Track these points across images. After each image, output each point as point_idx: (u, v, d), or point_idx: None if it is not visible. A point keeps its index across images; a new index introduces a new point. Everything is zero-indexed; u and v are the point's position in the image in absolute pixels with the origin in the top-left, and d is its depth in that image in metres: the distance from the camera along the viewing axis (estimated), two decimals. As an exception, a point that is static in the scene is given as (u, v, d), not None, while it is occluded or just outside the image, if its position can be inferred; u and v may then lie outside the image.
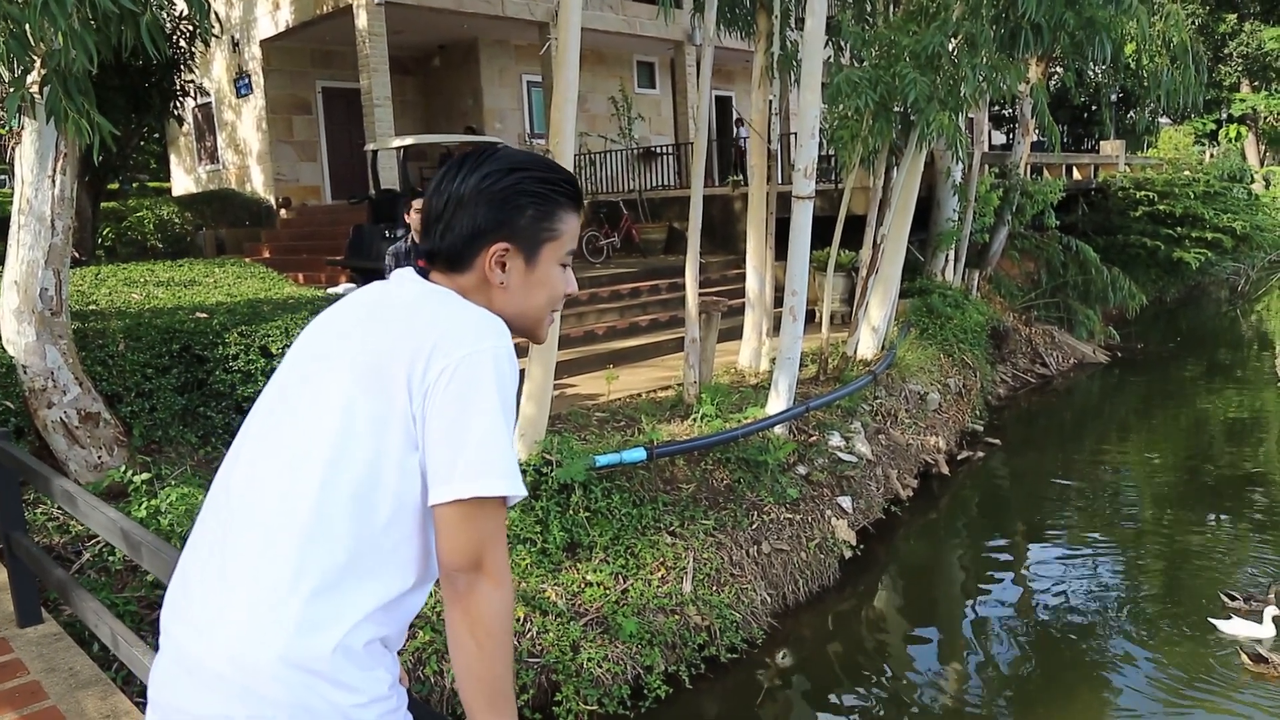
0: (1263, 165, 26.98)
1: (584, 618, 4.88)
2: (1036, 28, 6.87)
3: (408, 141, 11.30)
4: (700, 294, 7.56)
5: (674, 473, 6.12)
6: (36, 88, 4.18)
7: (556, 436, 5.76)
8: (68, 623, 3.81)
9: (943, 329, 10.53)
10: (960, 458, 8.74)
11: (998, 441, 9.34)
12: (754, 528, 6.00)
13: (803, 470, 6.78)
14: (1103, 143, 19.66)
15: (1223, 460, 8.84)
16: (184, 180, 18.38)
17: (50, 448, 5.00)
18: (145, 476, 4.93)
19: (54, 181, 4.82)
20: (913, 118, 7.69)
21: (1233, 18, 26.82)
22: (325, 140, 16.17)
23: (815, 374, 8.51)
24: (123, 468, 4.97)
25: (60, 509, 4.66)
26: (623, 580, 5.18)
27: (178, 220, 14.66)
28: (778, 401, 6.88)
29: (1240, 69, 27.29)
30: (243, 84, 15.80)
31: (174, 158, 18.86)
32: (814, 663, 5.42)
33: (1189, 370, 13.32)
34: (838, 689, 5.09)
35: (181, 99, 12.47)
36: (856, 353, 9.07)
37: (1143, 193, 15.26)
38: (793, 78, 8.42)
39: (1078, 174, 16.24)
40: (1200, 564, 6.34)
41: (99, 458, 5.03)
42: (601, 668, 4.67)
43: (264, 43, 15.21)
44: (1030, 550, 6.86)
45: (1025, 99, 12.43)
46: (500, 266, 1.37)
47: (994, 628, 5.65)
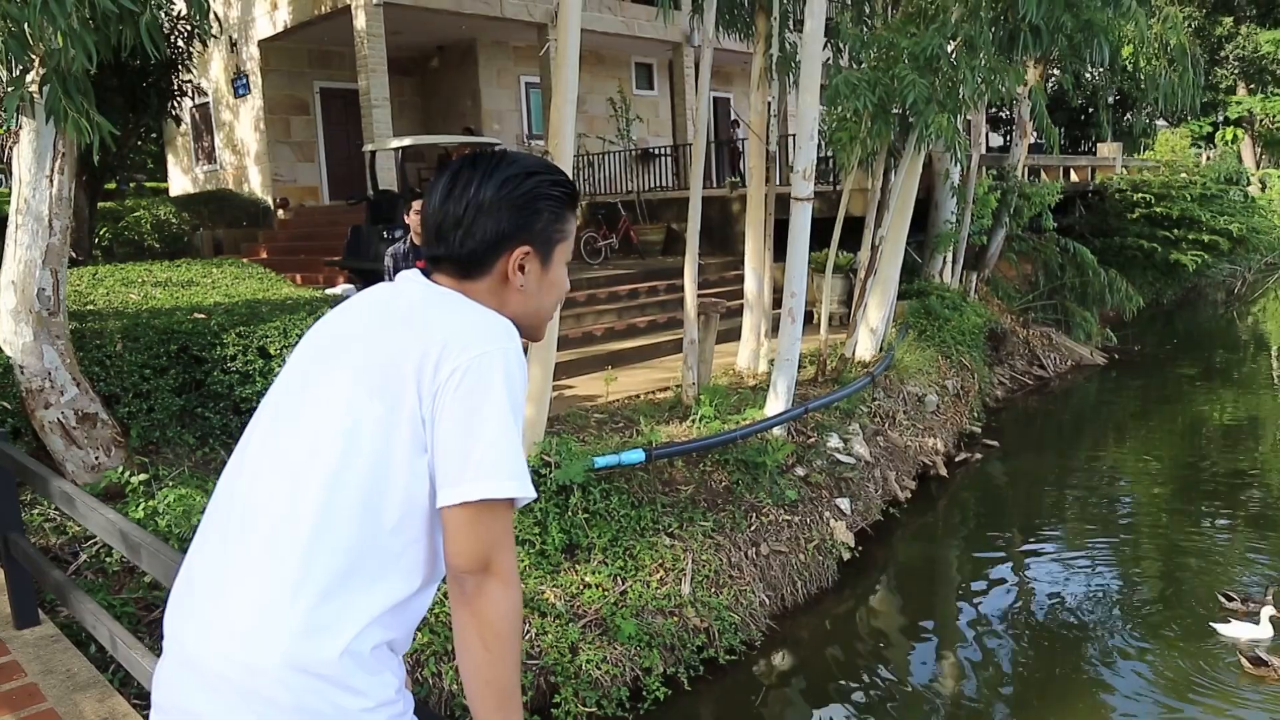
0: (1259, 168, 27.02)
1: (582, 619, 4.87)
2: (1035, 30, 6.87)
3: (406, 142, 11.29)
4: (698, 295, 7.56)
5: (672, 474, 6.12)
6: (35, 87, 4.17)
7: (555, 438, 5.75)
8: (64, 624, 3.79)
9: (941, 331, 10.53)
10: (958, 459, 8.74)
11: (996, 443, 9.34)
12: (752, 529, 5.99)
13: (801, 472, 6.77)
14: (1100, 145, 19.68)
15: (1220, 462, 8.85)
16: (181, 180, 18.35)
17: (47, 448, 4.99)
18: (143, 477, 4.92)
19: (52, 181, 4.81)
20: (911, 120, 7.69)
21: (1229, 21, 26.87)
22: (323, 141, 16.16)
23: (813, 375, 8.51)
24: (120, 468, 4.96)
25: (57, 510, 4.65)
26: (621, 582, 5.18)
27: (175, 220, 14.63)
28: (776, 403, 6.88)
29: (1236, 72, 27.34)
30: (240, 84, 15.78)
31: (171, 158, 18.84)
32: (812, 665, 5.41)
33: (1186, 372, 13.34)
34: (836, 691, 5.08)
35: (179, 99, 12.45)
36: (855, 354, 9.08)
37: (1140, 195, 15.28)
38: (791, 79, 8.43)
39: (1075, 176, 16.26)
40: (1198, 565, 6.34)
41: (96, 458, 5.02)
42: (600, 669, 4.66)
43: (262, 43, 15.19)
44: (1028, 552, 6.86)
45: (1023, 101, 12.44)
46: (520, 269, 1.39)
47: (992, 630, 5.65)
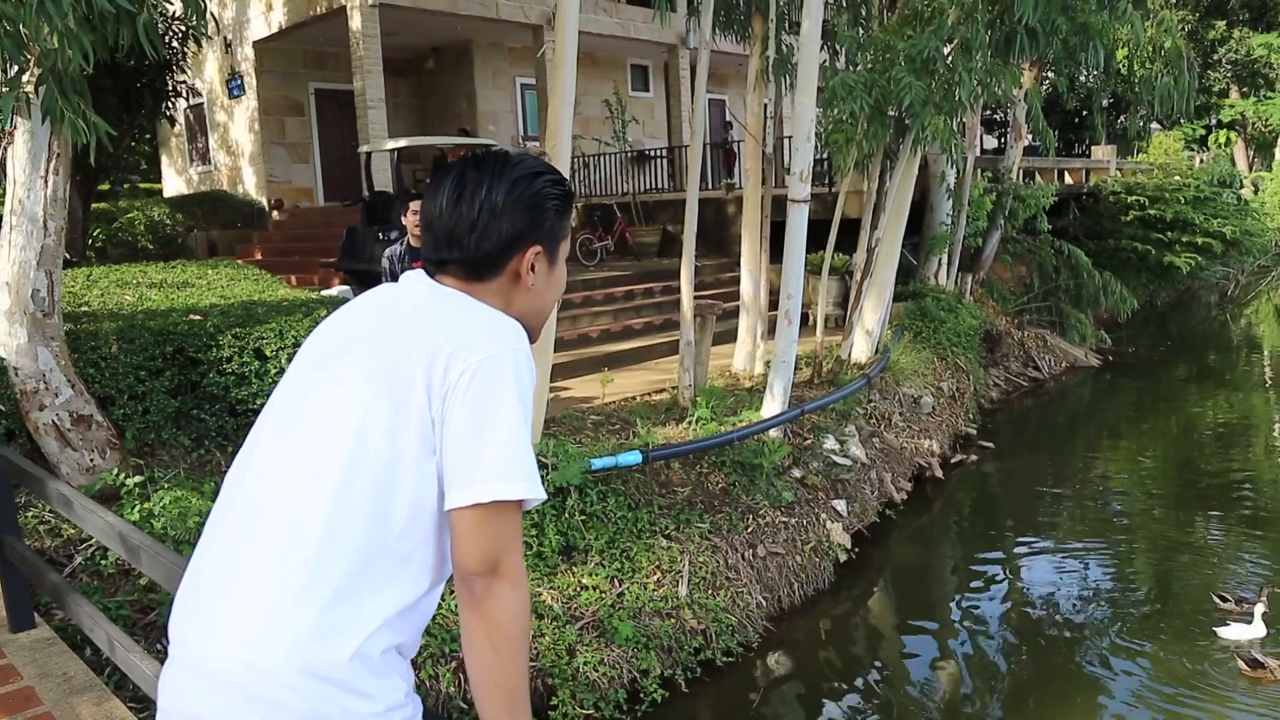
0: (1251, 170, 27.13)
1: (580, 621, 4.87)
2: (1032, 33, 6.89)
3: (401, 143, 11.28)
4: (695, 297, 7.56)
5: (669, 476, 6.12)
6: (31, 87, 4.15)
7: (552, 439, 5.74)
8: (60, 627, 3.77)
9: (936, 333, 10.55)
10: (954, 461, 8.75)
11: (991, 445, 9.35)
12: (749, 531, 5.99)
13: (798, 473, 6.78)
14: (1094, 148, 19.73)
15: (1213, 463, 8.88)
16: (175, 181, 18.30)
17: (42, 450, 4.95)
18: (138, 479, 4.89)
19: (47, 182, 4.78)
20: (908, 122, 7.70)
21: (1222, 24, 26.97)
22: (318, 142, 16.12)
23: (810, 377, 8.51)
24: (115, 471, 4.93)
25: (52, 512, 4.62)
26: (619, 584, 5.17)
27: (169, 221, 14.57)
28: (773, 405, 6.88)
29: (1229, 75, 27.45)
30: (235, 85, 15.74)
31: (165, 159, 18.78)
32: (809, 666, 5.41)
33: (1179, 374, 13.39)
34: (832, 692, 5.09)
35: (173, 100, 12.39)
36: (850, 356, 9.09)
37: (1134, 197, 15.32)
38: (787, 82, 8.44)
39: (1069, 178, 16.30)
40: (1191, 566, 6.36)
41: (91, 460, 4.99)
42: (598, 671, 4.66)
43: (257, 44, 15.16)
44: (1023, 553, 6.87)
45: (1019, 104, 12.47)
46: (531, 269, 1.41)
47: (987, 631, 5.65)
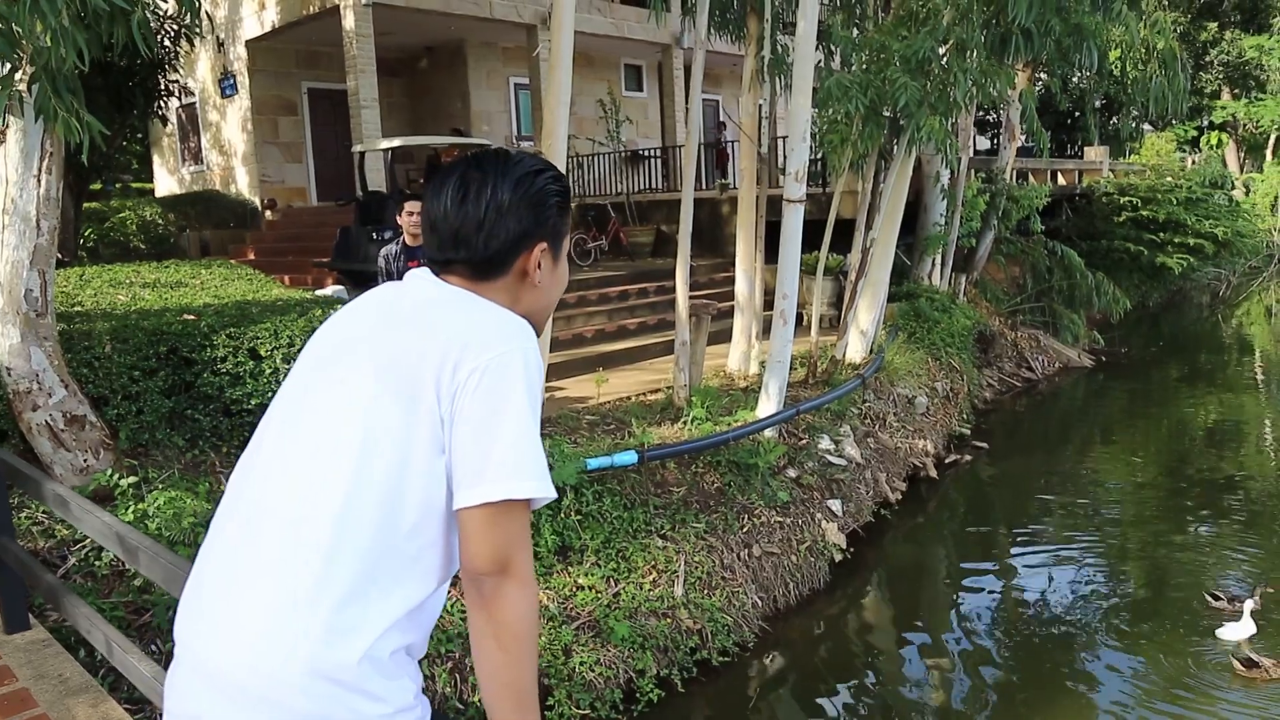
0: (1243, 172, 27.25)
1: (576, 621, 4.86)
2: (1027, 33, 6.90)
3: (395, 143, 11.27)
4: (689, 297, 7.56)
5: (665, 476, 6.11)
6: (24, 86, 4.13)
7: (547, 440, 5.74)
8: (54, 628, 3.75)
9: (930, 333, 10.57)
10: (948, 461, 8.76)
11: (985, 445, 9.37)
12: (745, 531, 6.00)
13: (793, 473, 6.78)
14: (1087, 149, 19.81)
15: (1205, 463, 8.91)
16: (167, 181, 18.23)
17: (35, 451, 4.93)
18: (132, 480, 4.87)
19: (40, 181, 4.76)
20: (902, 122, 7.71)
21: (1214, 26, 27.09)
22: (311, 141, 16.09)
23: (804, 377, 8.52)
24: (109, 471, 4.91)
25: (45, 513, 4.60)
26: (614, 584, 5.17)
27: (161, 221, 14.54)
28: (768, 404, 6.88)
29: (1221, 76, 27.56)
30: (228, 84, 15.69)
31: (157, 158, 18.71)
32: (804, 666, 5.42)
33: (1172, 374, 13.44)
34: (828, 692, 5.09)
35: (165, 99, 12.36)
36: (845, 356, 9.09)
37: (1126, 198, 15.38)
38: (782, 82, 8.44)
39: (1062, 179, 16.35)
40: (1184, 566, 6.38)
41: (85, 461, 4.96)
42: (594, 672, 4.65)
43: (249, 43, 15.11)
44: (1017, 553, 6.88)
45: (1013, 105, 12.50)
46: (538, 266, 1.41)
47: (981, 630, 5.66)
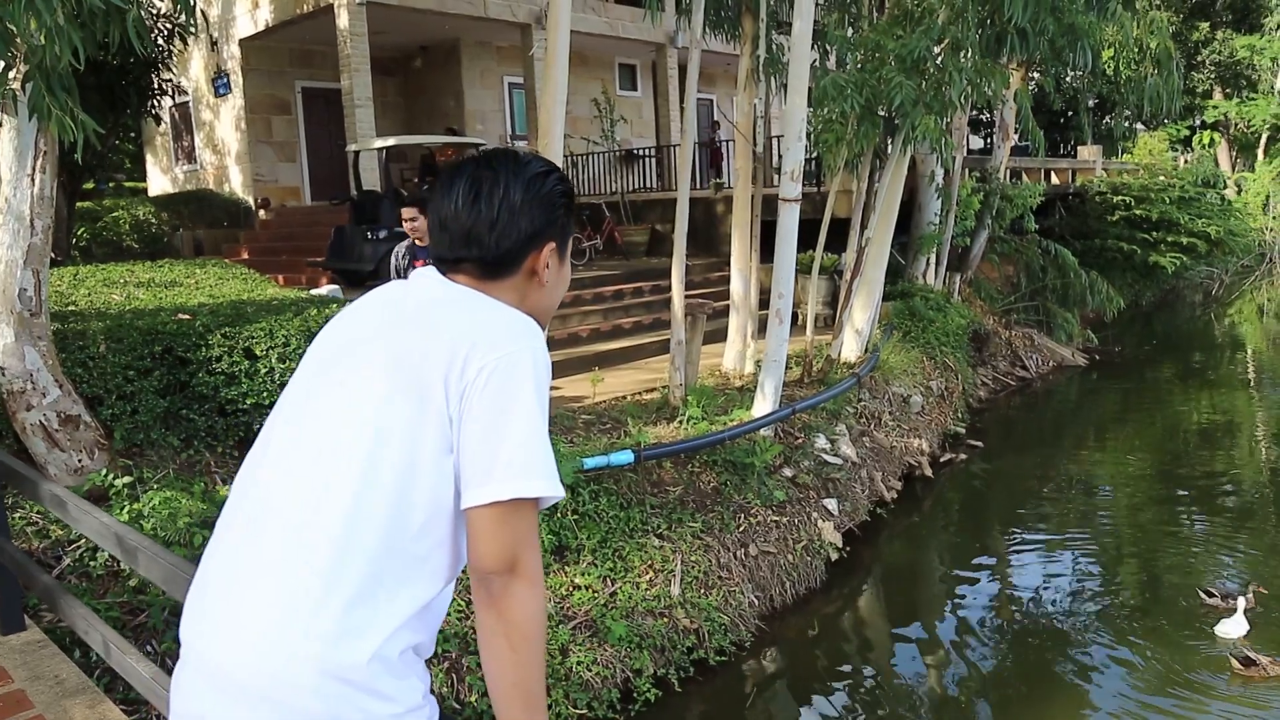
0: (1234, 171, 27.35)
1: (572, 621, 4.86)
2: (1022, 33, 6.91)
3: (390, 142, 11.25)
4: (685, 296, 7.56)
5: (661, 475, 6.11)
6: (18, 84, 4.11)
7: (544, 439, 5.71)
8: (50, 629, 3.73)
9: (925, 332, 10.58)
10: (943, 460, 8.78)
11: (979, 444, 9.39)
12: (741, 530, 6.00)
13: (789, 472, 6.78)
14: (1080, 148, 19.84)
15: (1198, 461, 8.95)
16: (160, 180, 18.17)
17: (29, 451, 4.91)
18: (127, 480, 4.85)
19: (33, 180, 4.74)
20: (897, 121, 7.72)
21: (1205, 26, 27.18)
22: (305, 141, 16.05)
23: (800, 376, 8.53)
24: (104, 471, 4.89)
25: (39, 513, 4.58)
26: (611, 583, 5.16)
27: (154, 221, 14.47)
28: (764, 404, 6.89)
29: (1213, 76, 27.66)
30: (221, 83, 15.65)
31: (150, 157, 18.64)
32: (801, 665, 5.42)
33: (1165, 373, 13.49)
34: (825, 691, 5.10)
35: (159, 98, 12.32)
36: (840, 355, 9.10)
37: (1119, 197, 15.42)
38: (776, 82, 8.44)
39: (1056, 179, 16.37)
40: (1178, 563, 6.41)
41: (79, 461, 4.94)
42: (591, 671, 4.65)
43: (243, 42, 15.07)
44: (1012, 551, 6.90)
45: (1008, 104, 12.52)
46: (546, 265, 1.42)
47: (977, 629, 5.67)
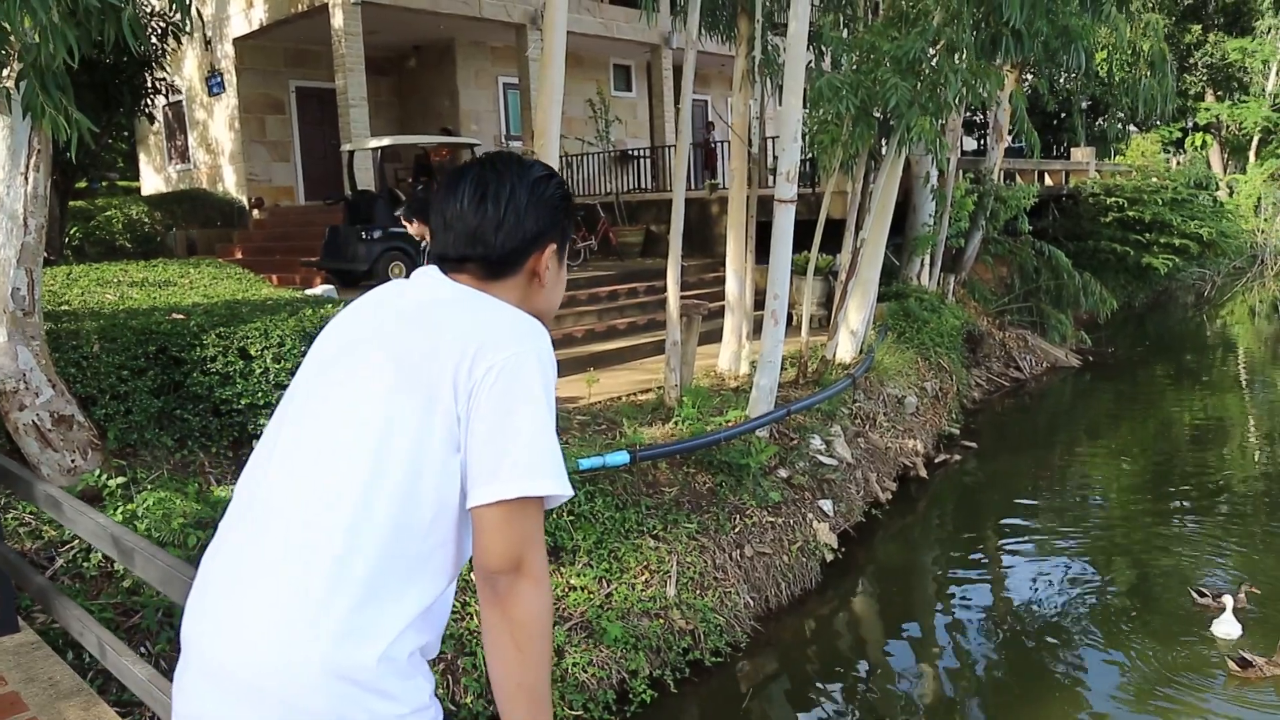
0: (1226, 173, 27.44)
1: (568, 622, 4.85)
2: (1017, 35, 6.93)
3: (384, 142, 11.24)
4: (680, 297, 7.56)
5: (657, 476, 6.11)
6: (11, 82, 4.08)
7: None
8: (43, 630, 3.71)
9: (919, 333, 10.60)
10: (937, 461, 8.79)
11: (974, 445, 9.41)
12: (736, 531, 6.00)
13: (784, 473, 6.79)
14: (1073, 149, 19.89)
15: (1190, 461, 8.98)
16: (154, 179, 18.11)
17: (21, 451, 4.88)
18: (120, 480, 4.83)
19: (27, 179, 4.71)
20: (892, 123, 7.73)
21: (1198, 28, 27.29)
22: (298, 140, 16.01)
23: (795, 377, 8.53)
24: (97, 472, 4.86)
25: (32, 513, 4.56)
26: (607, 584, 5.16)
27: (147, 220, 14.42)
28: (759, 404, 6.89)
29: (1205, 79, 27.77)
30: (215, 82, 15.60)
31: (143, 156, 18.58)
32: (796, 666, 5.42)
33: (1157, 374, 13.54)
34: (820, 692, 5.10)
35: (152, 97, 12.28)
36: (835, 356, 9.11)
37: (1112, 199, 15.47)
38: (772, 83, 8.45)
39: (1049, 180, 16.42)
40: (1171, 563, 6.43)
41: (72, 461, 4.92)
42: (586, 672, 4.65)
43: (237, 41, 15.03)
44: (1006, 552, 6.91)
45: (1002, 105, 12.55)
46: (546, 266, 1.43)
47: (971, 629, 5.69)
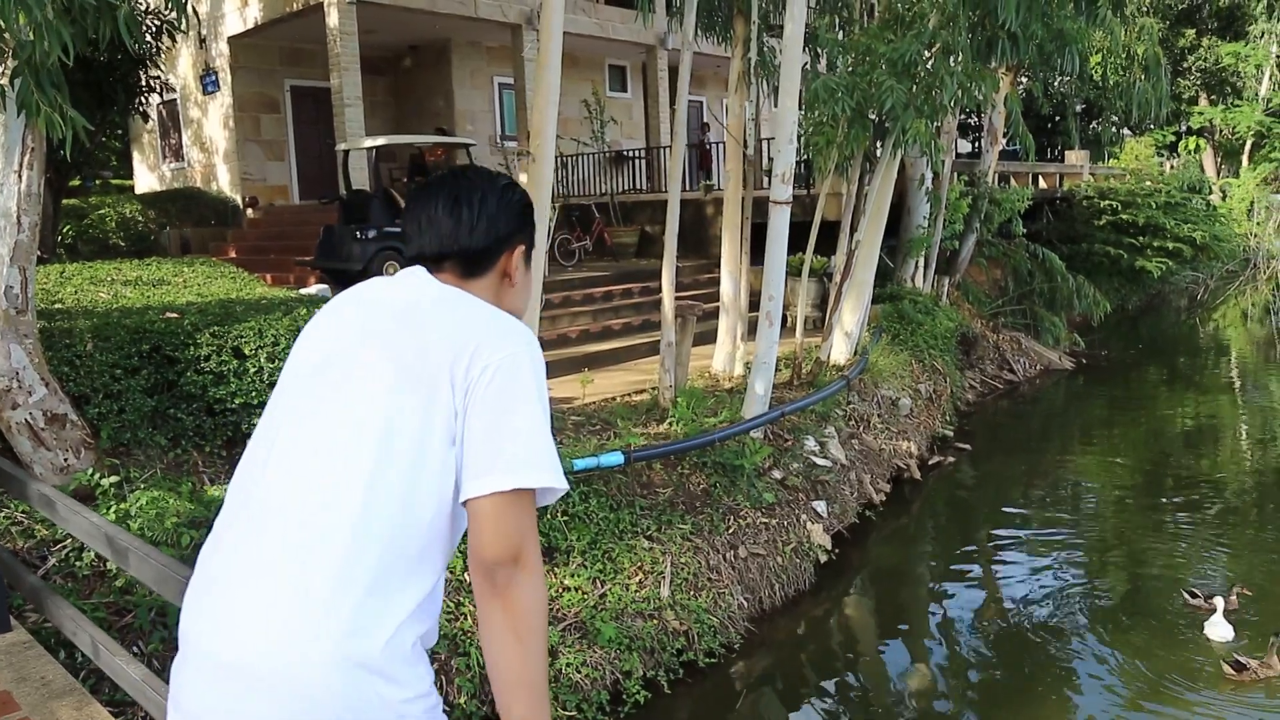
0: (1219, 176, 27.56)
1: (562, 623, 4.85)
2: (1012, 37, 6.96)
3: (379, 142, 11.22)
4: (674, 298, 7.57)
5: (651, 477, 6.11)
6: (6, 80, 4.07)
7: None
8: (35, 629, 3.70)
9: (914, 335, 10.63)
10: (931, 462, 8.81)
11: (967, 447, 9.43)
12: (730, 532, 6.00)
13: (778, 475, 6.79)
14: (1067, 152, 19.96)
15: (1183, 464, 9.02)
16: (147, 178, 18.05)
17: (14, 450, 4.87)
18: (113, 479, 4.81)
19: (21, 176, 4.69)
20: (888, 125, 7.75)
21: (1191, 33, 27.43)
22: (293, 140, 15.97)
23: (789, 379, 8.54)
24: (90, 470, 4.85)
25: (24, 512, 4.54)
26: (601, 585, 5.16)
27: (141, 219, 14.38)
28: (753, 406, 6.90)
29: (1199, 83, 27.90)
30: (209, 81, 15.56)
31: (137, 155, 18.52)
32: (790, 667, 5.43)
33: (1150, 376, 13.59)
34: (813, 692, 5.11)
35: (146, 95, 12.23)
36: (830, 358, 9.12)
37: (1106, 202, 15.52)
38: (768, 85, 8.46)
39: (1044, 183, 16.47)
40: (1164, 565, 6.45)
41: (65, 460, 4.90)
42: (580, 673, 4.65)
43: (232, 40, 14.99)
44: (999, 554, 6.93)
45: (997, 108, 12.58)
46: (516, 267, 1.54)
47: (965, 631, 5.70)
